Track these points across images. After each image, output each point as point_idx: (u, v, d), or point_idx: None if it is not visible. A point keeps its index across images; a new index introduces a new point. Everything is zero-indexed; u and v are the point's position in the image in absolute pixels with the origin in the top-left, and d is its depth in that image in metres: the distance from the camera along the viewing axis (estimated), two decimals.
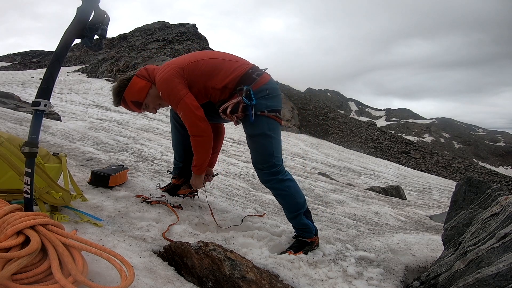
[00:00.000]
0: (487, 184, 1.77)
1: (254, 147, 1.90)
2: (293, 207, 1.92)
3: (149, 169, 3.24)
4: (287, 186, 1.91)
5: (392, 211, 4.25)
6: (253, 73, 1.87)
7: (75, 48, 37.10)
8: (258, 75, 1.88)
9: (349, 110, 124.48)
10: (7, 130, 3.50)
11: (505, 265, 1.19)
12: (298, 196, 1.93)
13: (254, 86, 1.83)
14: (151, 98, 1.98)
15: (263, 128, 1.84)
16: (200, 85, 1.88)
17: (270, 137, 1.86)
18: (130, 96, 1.97)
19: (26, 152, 1.26)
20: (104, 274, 1.19)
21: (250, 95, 1.80)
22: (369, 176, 10.19)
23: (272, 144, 1.87)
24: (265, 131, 1.84)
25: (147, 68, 2.02)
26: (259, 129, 1.85)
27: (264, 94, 1.85)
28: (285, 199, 1.93)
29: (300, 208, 1.93)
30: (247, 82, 1.83)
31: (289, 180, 1.93)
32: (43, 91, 1.27)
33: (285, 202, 1.94)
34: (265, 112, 1.83)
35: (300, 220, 1.92)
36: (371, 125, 30.36)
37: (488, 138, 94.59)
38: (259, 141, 1.87)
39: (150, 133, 7.25)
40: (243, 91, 1.80)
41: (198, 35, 37.68)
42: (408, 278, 1.89)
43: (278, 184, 1.89)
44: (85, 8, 1.27)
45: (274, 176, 1.88)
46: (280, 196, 1.94)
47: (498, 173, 22.30)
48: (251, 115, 1.80)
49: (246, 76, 1.85)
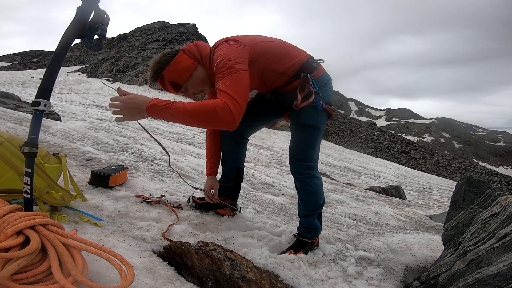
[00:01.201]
0: (487, 184, 1.77)
1: (300, 137, 1.83)
2: (312, 205, 1.90)
3: (149, 169, 3.24)
4: (315, 184, 1.87)
5: (392, 211, 4.25)
6: (312, 62, 1.79)
7: (75, 48, 37.11)
8: (318, 64, 1.80)
9: (349, 110, 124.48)
10: (7, 130, 3.50)
11: (505, 265, 1.19)
12: (320, 197, 1.91)
13: (314, 75, 1.75)
14: (194, 81, 1.73)
15: (316, 120, 1.78)
16: (261, 66, 1.72)
17: (319, 130, 1.81)
18: (170, 75, 1.70)
19: (26, 152, 1.26)
20: (104, 274, 1.19)
21: (314, 83, 1.72)
22: (369, 176, 10.19)
23: (317, 138, 1.82)
24: (317, 124, 1.79)
25: (197, 44, 1.80)
26: (312, 120, 1.77)
27: (323, 85, 1.78)
28: (308, 196, 1.90)
29: (317, 209, 1.91)
30: (308, 71, 1.74)
31: (319, 178, 1.90)
32: (42, 91, 1.27)
33: (307, 199, 1.91)
34: (322, 104, 1.74)
35: (312, 220, 1.91)
36: (371, 125, 30.35)
37: (488, 138, 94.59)
38: (307, 132, 1.80)
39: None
40: (308, 78, 1.71)
41: (198, 35, 37.66)
42: (408, 278, 1.88)
43: (309, 178, 1.86)
44: (85, 8, 1.27)
45: (308, 170, 1.85)
46: (305, 191, 1.90)
47: (498, 173, 22.31)
48: (319, 104, 1.70)
49: (307, 64, 1.76)
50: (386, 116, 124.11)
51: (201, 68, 1.76)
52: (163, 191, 2.46)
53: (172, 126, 10.44)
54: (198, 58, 1.75)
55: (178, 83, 1.73)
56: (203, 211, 2.22)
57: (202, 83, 1.78)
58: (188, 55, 1.74)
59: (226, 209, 2.21)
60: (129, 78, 23.54)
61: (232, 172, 2.16)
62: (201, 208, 2.23)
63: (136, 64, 26.31)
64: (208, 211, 2.22)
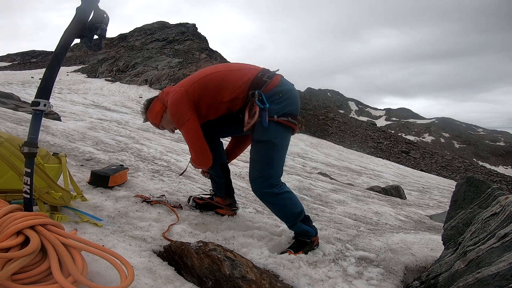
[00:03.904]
0: (487, 183, 1.77)
1: (254, 154, 1.81)
2: (290, 217, 1.88)
3: (149, 169, 3.24)
4: (283, 199, 1.83)
5: (392, 210, 4.25)
6: (263, 76, 1.79)
7: (75, 48, 37.10)
8: (269, 77, 1.78)
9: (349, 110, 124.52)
10: (7, 130, 3.50)
11: (505, 265, 1.19)
12: (294, 207, 1.86)
13: (265, 89, 1.74)
14: (165, 121, 2.01)
15: (269, 135, 1.73)
16: (209, 101, 1.84)
17: (274, 145, 1.75)
18: (149, 117, 2.05)
19: (26, 152, 1.26)
20: (104, 274, 1.19)
21: (262, 99, 1.71)
22: (369, 175, 10.19)
23: (273, 154, 1.77)
24: (271, 139, 1.74)
25: (165, 91, 2.01)
26: (265, 135, 1.74)
27: (277, 97, 1.74)
28: (280, 211, 1.89)
29: (297, 218, 1.87)
30: (258, 86, 1.75)
31: (286, 192, 1.85)
32: (42, 91, 1.27)
33: (281, 214, 1.91)
34: (274, 117, 1.71)
35: (298, 228, 1.89)
36: (371, 125, 30.37)
37: (488, 137, 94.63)
38: (262, 149, 1.77)
39: (150, 133, 7.25)
40: (255, 95, 1.72)
41: (198, 35, 37.68)
42: (408, 277, 1.88)
43: (272, 198, 1.81)
44: (85, 8, 1.27)
45: (269, 189, 1.79)
46: (274, 209, 1.90)
47: (498, 173, 22.32)
48: (264, 120, 1.69)
49: (256, 81, 1.77)
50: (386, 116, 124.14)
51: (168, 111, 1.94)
52: (163, 191, 2.46)
53: None
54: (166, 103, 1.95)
55: (155, 123, 2.05)
56: (203, 211, 2.22)
57: (171, 122, 1.98)
58: (160, 101, 2.00)
59: (226, 208, 2.21)
60: (129, 78, 23.54)
61: (218, 170, 2.17)
62: (201, 208, 2.23)
63: (136, 64, 26.32)
64: (208, 211, 2.22)
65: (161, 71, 23.75)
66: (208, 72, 1.87)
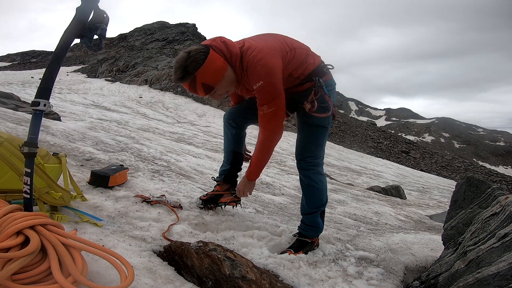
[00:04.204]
0: (487, 183, 1.77)
1: (307, 136, 1.91)
2: (316, 202, 1.93)
3: (149, 169, 3.24)
4: (321, 181, 1.92)
5: (392, 210, 4.25)
6: (323, 67, 1.89)
7: (75, 48, 37.10)
8: (327, 69, 1.91)
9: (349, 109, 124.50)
10: (7, 130, 3.50)
11: (505, 265, 1.19)
12: (324, 194, 1.95)
13: (324, 79, 1.84)
14: (224, 83, 1.65)
15: (325, 121, 1.87)
16: (288, 72, 1.78)
17: (327, 130, 1.92)
18: (204, 76, 1.56)
19: (26, 152, 1.26)
20: (104, 274, 1.19)
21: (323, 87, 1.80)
22: (369, 175, 10.19)
23: (324, 137, 1.93)
24: (325, 124, 1.89)
25: (225, 41, 1.67)
26: (321, 120, 1.85)
27: (331, 88, 1.88)
28: (313, 193, 1.92)
29: (321, 206, 1.94)
30: (319, 75, 1.82)
31: (324, 176, 1.97)
32: (42, 91, 1.27)
33: (311, 196, 1.93)
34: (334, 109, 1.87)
35: (314, 217, 1.93)
36: (371, 124, 30.36)
37: (488, 137, 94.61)
38: (315, 132, 1.89)
39: (150, 133, 7.25)
40: (321, 83, 1.79)
41: (198, 35, 37.67)
42: (408, 277, 1.88)
43: (315, 175, 1.90)
44: (85, 8, 1.27)
45: (315, 167, 1.91)
46: (310, 187, 1.92)
47: (498, 173, 22.31)
48: (329, 106, 1.80)
49: (319, 69, 1.85)
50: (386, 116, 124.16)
51: (230, 69, 1.67)
52: (163, 191, 2.46)
53: (172, 126, 10.45)
54: (228, 57, 1.65)
55: (210, 85, 1.61)
56: (203, 211, 2.22)
57: (231, 84, 1.72)
58: (219, 54, 1.62)
59: (226, 196, 2.22)
60: (129, 78, 23.54)
61: (229, 155, 2.22)
62: (206, 203, 2.24)
63: (136, 64, 26.32)
64: (208, 211, 2.22)
65: (161, 71, 23.74)
66: (297, 45, 1.83)
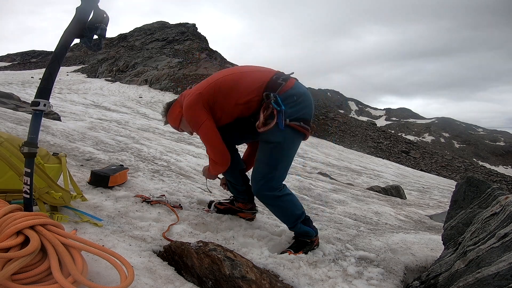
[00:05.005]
0: (487, 183, 1.77)
1: (261, 154, 1.81)
2: (290, 219, 1.88)
3: (149, 169, 3.24)
4: (283, 201, 1.84)
5: (392, 210, 4.25)
6: (277, 79, 1.76)
7: (75, 48, 37.11)
8: (284, 79, 1.76)
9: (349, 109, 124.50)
10: (7, 130, 3.50)
11: (505, 265, 1.19)
12: (295, 209, 1.87)
13: (280, 91, 1.71)
14: (184, 124, 2.03)
15: (279, 137, 1.71)
16: (223, 104, 1.81)
17: (281, 148, 1.74)
18: (169, 121, 2.09)
19: (26, 152, 1.26)
20: (104, 274, 1.19)
21: (278, 101, 1.67)
22: (369, 175, 10.19)
23: (279, 156, 1.76)
24: (279, 141, 1.73)
25: (183, 94, 2.03)
26: (274, 137, 1.71)
27: (291, 100, 1.72)
28: (281, 213, 1.90)
29: (297, 220, 1.88)
30: (273, 89, 1.72)
31: (286, 194, 1.85)
32: (42, 91, 1.27)
33: (281, 216, 1.92)
34: (286, 121, 1.68)
35: (298, 229, 1.90)
36: (371, 124, 30.36)
37: (488, 137, 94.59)
38: (268, 149, 1.76)
39: (150, 133, 7.25)
40: (270, 97, 1.68)
41: (198, 35, 37.66)
42: (408, 277, 1.88)
43: (273, 200, 1.83)
44: (84, 8, 1.27)
45: (270, 192, 1.80)
46: (275, 210, 1.91)
47: (498, 173, 22.30)
48: (281, 122, 1.66)
49: (271, 83, 1.74)
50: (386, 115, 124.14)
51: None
52: (163, 191, 2.46)
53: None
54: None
55: (175, 127, 2.09)
56: (203, 211, 2.22)
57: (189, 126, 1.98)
58: (178, 105, 2.02)
59: (246, 212, 2.22)
60: (128, 78, 23.54)
61: (237, 177, 2.13)
62: (222, 213, 2.22)
63: (136, 64, 26.32)
64: (208, 211, 2.22)
65: (161, 71, 23.74)
66: (221, 75, 1.85)
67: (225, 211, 2.22)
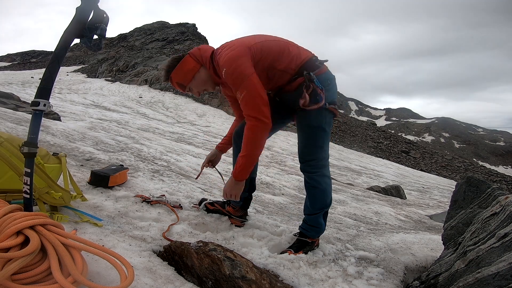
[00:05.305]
0: (487, 183, 1.77)
1: (306, 138, 1.85)
2: (320, 203, 1.91)
3: (149, 169, 3.24)
4: (325, 182, 1.88)
5: (392, 210, 4.25)
6: (316, 60, 1.80)
7: (75, 48, 37.10)
8: (321, 63, 1.81)
9: (349, 109, 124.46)
10: (7, 130, 3.50)
11: (505, 265, 1.19)
12: (328, 195, 1.92)
13: (317, 73, 1.74)
14: (196, 82, 1.86)
15: (321, 121, 1.78)
16: (266, 64, 1.75)
17: (324, 131, 1.82)
18: (176, 77, 1.86)
19: (26, 152, 1.26)
20: (103, 274, 1.19)
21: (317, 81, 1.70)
22: (369, 175, 10.19)
23: (324, 138, 1.85)
24: (322, 125, 1.79)
25: (200, 47, 1.90)
26: (316, 121, 1.78)
27: (326, 84, 1.76)
28: (317, 194, 1.91)
29: (324, 207, 1.93)
30: (311, 69, 1.74)
31: (328, 177, 1.92)
32: (42, 91, 1.27)
33: (315, 197, 1.92)
34: (326, 104, 1.73)
35: (317, 218, 1.92)
36: (371, 124, 30.36)
37: (488, 137, 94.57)
38: (313, 134, 1.82)
39: (150, 133, 7.25)
40: (311, 76, 1.69)
41: (198, 35, 37.65)
42: (408, 277, 1.88)
43: (319, 177, 1.87)
44: (84, 8, 1.27)
45: (318, 169, 1.87)
46: (314, 189, 1.90)
47: (498, 173, 22.30)
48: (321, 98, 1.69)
49: (309, 63, 1.77)
50: (386, 115, 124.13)
51: (203, 70, 1.86)
52: (163, 191, 2.46)
53: (172, 126, 10.45)
54: (200, 60, 1.86)
55: (183, 84, 1.88)
56: (203, 211, 2.22)
57: (204, 83, 1.88)
58: (193, 58, 1.86)
59: (235, 219, 2.16)
60: (128, 78, 23.54)
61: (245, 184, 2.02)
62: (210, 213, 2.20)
63: (136, 64, 26.31)
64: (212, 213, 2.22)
65: (161, 71, 23.74)
66: (271, 38, 1.83)
67: (214, 211, 2.21)
